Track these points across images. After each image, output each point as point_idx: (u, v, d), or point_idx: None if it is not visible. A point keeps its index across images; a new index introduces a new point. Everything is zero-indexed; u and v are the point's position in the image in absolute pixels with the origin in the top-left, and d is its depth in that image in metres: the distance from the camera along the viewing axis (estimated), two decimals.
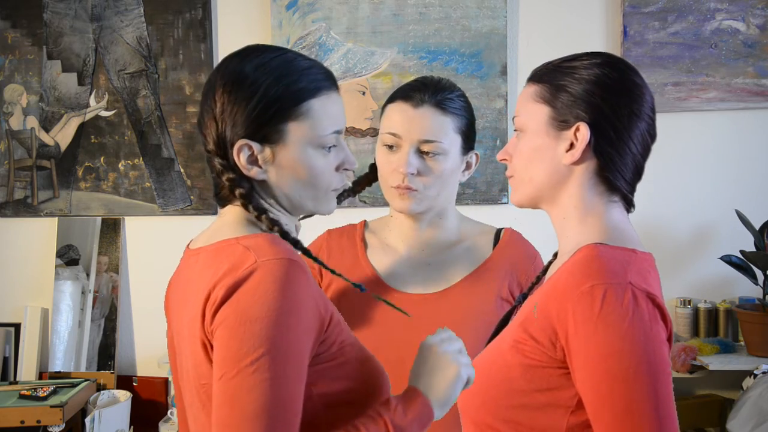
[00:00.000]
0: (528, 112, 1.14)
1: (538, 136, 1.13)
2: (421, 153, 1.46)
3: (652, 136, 1.13)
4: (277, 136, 1.07)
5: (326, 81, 1.11)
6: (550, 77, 1.13)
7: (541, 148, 1.12)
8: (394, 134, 1.47)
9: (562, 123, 1.10)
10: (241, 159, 1.07)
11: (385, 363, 1.44)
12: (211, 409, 1.01)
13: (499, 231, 1.57)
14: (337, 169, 1.14)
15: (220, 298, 0.98)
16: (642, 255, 1.07)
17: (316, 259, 1.12)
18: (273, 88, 1.06)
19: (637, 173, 1.13)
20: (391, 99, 1.51)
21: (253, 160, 1.08)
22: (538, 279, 1.29)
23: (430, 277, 1.52)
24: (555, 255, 1.23)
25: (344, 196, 1.54)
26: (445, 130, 1.46)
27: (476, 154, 1.55)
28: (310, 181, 1.10)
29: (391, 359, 1.44)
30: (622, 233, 1.10)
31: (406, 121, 1.46)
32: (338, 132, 1.13)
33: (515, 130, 1.18)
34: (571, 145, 1.10)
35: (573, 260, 1.08)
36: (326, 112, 1.10)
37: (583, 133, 1.08)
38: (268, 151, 1.08)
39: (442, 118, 1.45)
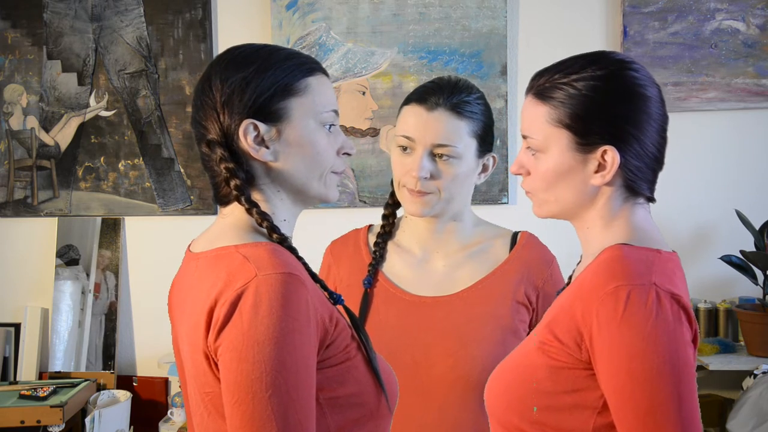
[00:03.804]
0: (544, 135, 1.12)
1: (562, 160, 1.11)
2: (434, 156, 1.44)
3: (666, 130, 1.12)
4: (281, 112, 1.08)
5: (315, 64, 1.14)
6: (560, 98, 1.10)
7: (568, 171, 1.11)
8: (407, 137, 1.45)
9: (587, 147, 1.09)
10: (248, 140, 1.07)
11: (399, 365, 1.43)
12: (217, 416, 1.03)
13: (515, 234, 1.55)
14: (338, 152, 1.15)
15: (223, 316, 0.98)
16: (667, 255, 1.07)
17: (308, 268, 1.11)
18: (269, 70, 1.08)
19: (660, 167, 1.13)
20: (407, 101, 1.49)
21: (259, 141, 1.08)
22: (570, 281, 1.28)
23: (444, 279, 1.50)
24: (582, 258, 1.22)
25: (383, 240, 1.54)
26: (460, 134, 1.43)
27: (493, 156, 1.52)
28: (316, 159, 1.11)
29: (405, 362, 1.43)
30: (646, 233, 1.10)
31: (419, 124, 1.44)
32: (335, 112, 1.14)
33: (528, 148, 1.15)
34: (599, 166, 1.09)
35: (597, 261, 1.07)
36: (322, 91, 1.12)
37: (612, 156, 1.07)
38: (273, 130, 1.09)
39: (457, 122, 1.43)
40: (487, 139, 1.49)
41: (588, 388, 1.04)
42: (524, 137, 1.16)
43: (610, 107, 1.08)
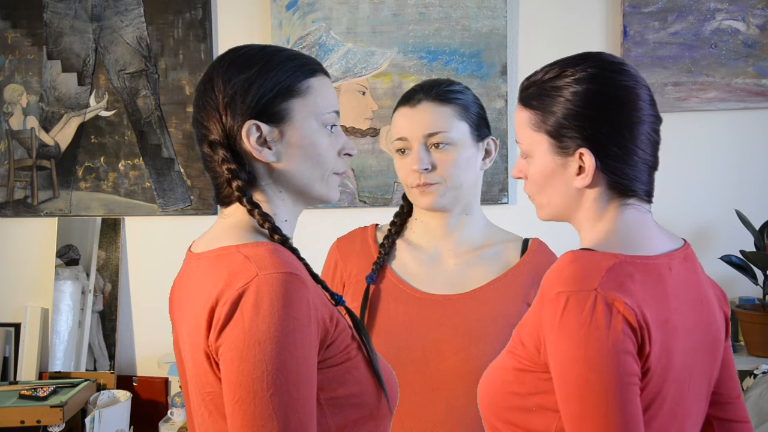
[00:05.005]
0: (528, 140, 1.14)
1: (545, 164, 1.12)
2: (430, 148, 1.46)
3: (656, 131, 1.12)
4: (283, 113, 1.09)
5: (317, 65, 1.15)
6: (539, 103, 1.12)
7: (551, 175, 1.12)
8: (401, 138, 1.49)
9: (564, 150, 1.10)
10: (250, 140, 1.08)
11: (409, 361, 1.44)
12: (217, 416, 1.04)
13: (526, 240, 1.57)
14: (339, 153, 1.16)
15: (224, 315, 0.98)
16: (627, 259, 1.05)
17: (309, 268, 1.11)
18: (272, 71, 1.09)
19: (653, 168, 1.13)
20: (395, 108, 1.52)
21: (262, 142, 1.09)
22: None
23: (456, 278, 1.51)
24: None
25: (391, 238, 1.55)
26: (448, 119, 1.46)
27: (493, 140, 1.54)
28: (318, 160, 1.12)
29: (416, 358, 1.45)
30: (623, 236, 1.09)
31: (408, 121, 1.47)
32: (337, 113, 1.15)
33: (521, 153, 1.18)
34: (580, 169, 1.09)
35: (553, 266, 1.08)
36: (324, 92, 1.14)
37: (588, 159, 1.08)
38: (276, 131, 1.09)
39: (442, 108, 1.46)
40: (480, 123, 1.52)
41: (549, 391, 1.05)
42: (517, 143, 1.19)
43: (583, 110, 1.08)
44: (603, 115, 1.07)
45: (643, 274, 1.05)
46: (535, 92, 1.13)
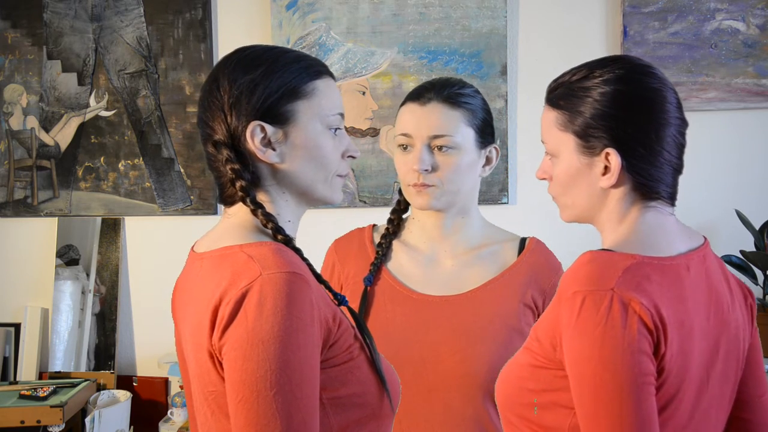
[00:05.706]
0: (554, 140, 1.15)
1: (571, 163, 1.13)
2: (434, 149, 1.46)
3: (683, 134, 1.12)
4: (288, 115, 1.10)
5: (322, 67, 1.16)
6: (567, 103, 1.12)
7: (576, 174, 1.13)
8: (405, 134, 1.48)
9: (590, 150, 1.10)
10: (255, 141, 1.08)
11: (407, 362, 1.44)
12: (220, 416, 1.04)
13: (523, 240, 1.57)
14: (342, 156, 1.16)
15: (228, 314, 0.99)
16: (645, 260, 1.05)
17: (312, 268, 1.12)
18: (277, 72, 1.09)
19: (678, 171, 1.13)
20: (403, 102, 1.52)
21: (266, 142, 1.09)
22: None
23: (453, 279, 1.51)
24: None
25: (388, 239, 1.55)
26: (455, 124, 1.45)
27: (495, 148, 1.54)
28: (321, 162, 1.12)
29: (413, 359, 1.45)
30: (644, 238, 1.10)
31: (415, 119, 1.47)
32: (341, 115, 1.16)
33: (547, 153, 1.19)
34: (606, 169, 1.10)
35: (572, 265, 1.09)
36: (330, 94, 1.14)
37: (614, 159, 1.08)
38: (280, 132, 1.10)
39: (451, 112, 1.45)
40: (486, 130, 1.51)
41: (563, 388, 1.06)
42: (543, 143, 1.20)
43: (611, 111, 1.08)
44: (630, 116, 1.08)
45: (660, 274, 1.05)
46: (563, 93, 1.13)
